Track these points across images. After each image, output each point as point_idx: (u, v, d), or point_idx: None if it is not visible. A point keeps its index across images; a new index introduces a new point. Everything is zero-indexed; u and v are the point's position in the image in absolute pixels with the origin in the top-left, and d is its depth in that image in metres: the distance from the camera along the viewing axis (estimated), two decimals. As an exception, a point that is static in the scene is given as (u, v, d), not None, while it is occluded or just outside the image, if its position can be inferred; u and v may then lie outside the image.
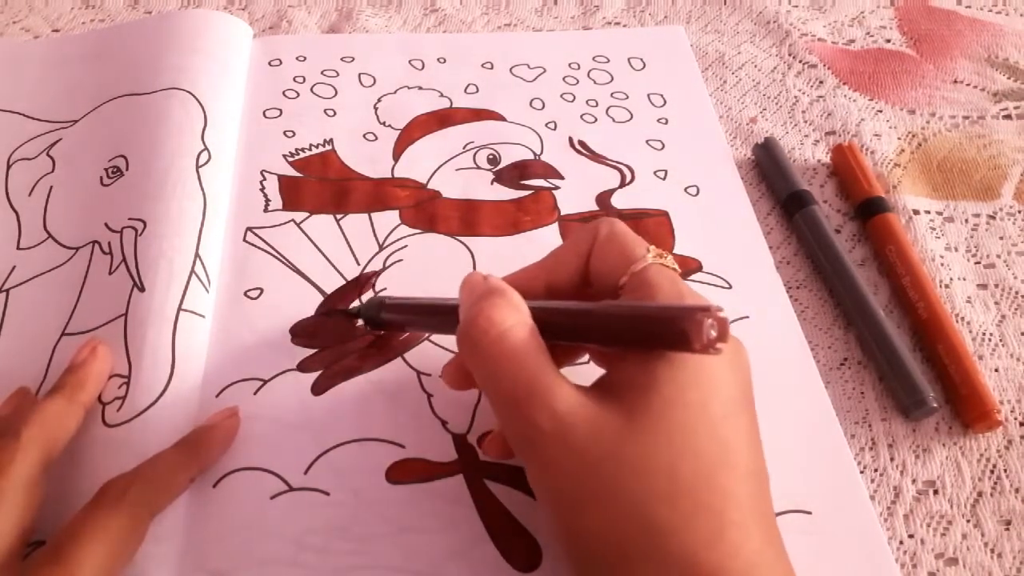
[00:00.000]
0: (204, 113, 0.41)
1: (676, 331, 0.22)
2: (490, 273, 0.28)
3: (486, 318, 0.25)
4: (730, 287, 0.38)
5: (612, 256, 0.28)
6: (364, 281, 0.37)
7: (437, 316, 0.31)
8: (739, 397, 0.25)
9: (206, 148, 0.40)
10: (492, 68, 0.48)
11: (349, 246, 0.39)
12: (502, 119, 0.45)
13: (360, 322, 0.34)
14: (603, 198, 0.41)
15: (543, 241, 0.39)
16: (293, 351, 0.35)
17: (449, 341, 0.35)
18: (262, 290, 0.37)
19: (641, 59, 0.49)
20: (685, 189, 0.42)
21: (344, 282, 0.37)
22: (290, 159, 0.42)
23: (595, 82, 0.47)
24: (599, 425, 0.23)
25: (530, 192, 0.41)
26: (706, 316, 0.22)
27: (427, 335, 0.35)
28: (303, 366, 0.34)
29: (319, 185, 0.41)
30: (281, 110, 0.45)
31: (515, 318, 0.25)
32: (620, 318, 0.25)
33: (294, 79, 0.46)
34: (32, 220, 0.39)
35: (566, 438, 0.23)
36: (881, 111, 0.47)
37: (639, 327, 0.24)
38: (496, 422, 0.30)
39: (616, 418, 0.23)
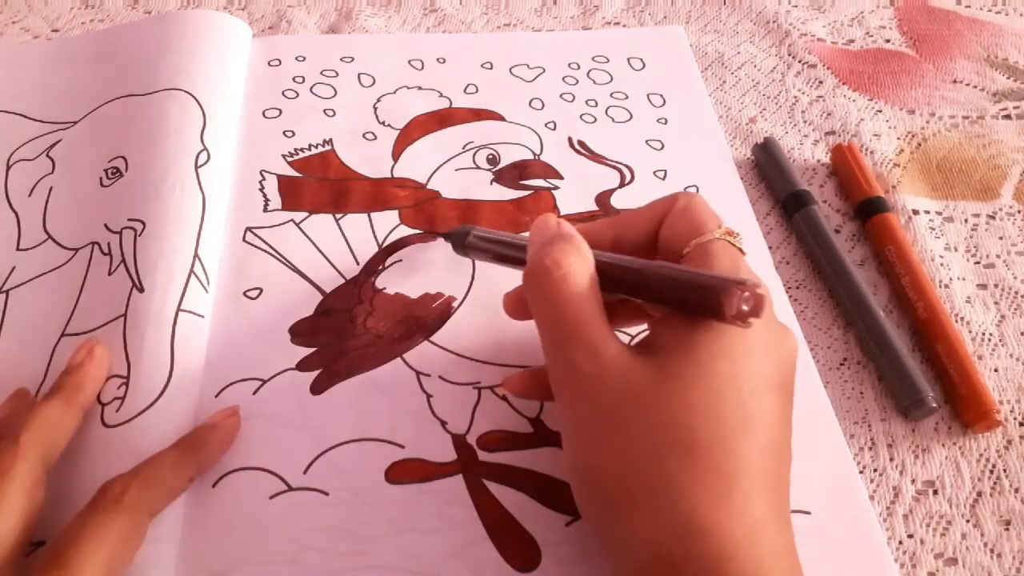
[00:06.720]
0: (203, 113, 0.41)
1: (710, 298, 0.24)
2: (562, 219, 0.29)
3: (553, 260, 0.26)
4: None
5: (683, 225, 0.29)
6: (363, 281, 0.37)
7: (512, 251, 0.32)
8: (772, 376, 0.25)
9: (205, 148, 0.40)
10: (492, 68, 0.48)
11: (349, 246, 0.39)
12: (502, 119, 0.45)
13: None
14: (603, 198, 0.41)
15: (542, 241, 0.39)
16: (293, 351, 0.35)
17: (448, 341, 0.35)
18: (261, 290, 0.37)
19: (641, 59, 0.49)
20: (685, 189, 0.42)
21: (343, 281, 0.37)
22: (289, 159, 0.42)
23: (595, 82, 0.47)
24: (630, 373, 0.25)
25: (530, 192, 0.41)
26: (741, 289, 0.23)
27: (425, 338, 0.35)
28: (303, 366, 0.34)
29: (318, 185, 0.41)
30: (280, 110, 0.45)
31: (579, 264, 0.26)
32: (665, 279, 0.26)
33: (293, 79, 0.46)
34: (32, 221, 0.39)
35: (599, 380, 0.25)
36: (880, 111, 0.47)
37: (680, 289, 0.25)
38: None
39: (648, 372, 0.25)
